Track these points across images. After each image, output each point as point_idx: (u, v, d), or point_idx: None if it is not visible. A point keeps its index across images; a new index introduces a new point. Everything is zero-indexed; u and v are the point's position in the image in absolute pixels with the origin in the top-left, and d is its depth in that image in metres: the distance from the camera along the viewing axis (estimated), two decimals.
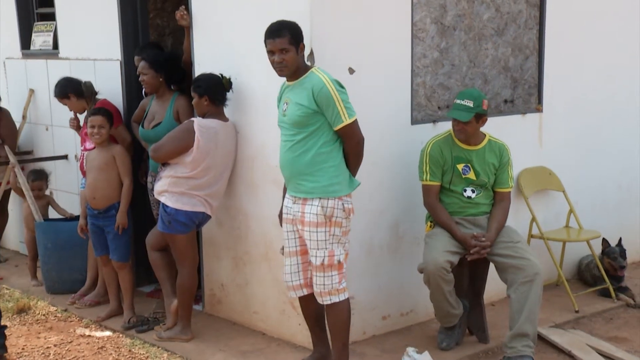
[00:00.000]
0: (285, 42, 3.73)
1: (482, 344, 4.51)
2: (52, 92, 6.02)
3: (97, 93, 5.31)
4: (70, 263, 5.47)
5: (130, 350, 4.48)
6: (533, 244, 5.08)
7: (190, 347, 4.51)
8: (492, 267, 4.43)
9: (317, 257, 3.81)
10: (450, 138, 4.37)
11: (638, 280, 5.66)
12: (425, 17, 4.64)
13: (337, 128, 3.77)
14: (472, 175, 4.32)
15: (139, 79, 4.88)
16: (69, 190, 5.97)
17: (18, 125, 6.33)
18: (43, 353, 4.50)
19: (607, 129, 5.83)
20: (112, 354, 4.45)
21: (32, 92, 6.28)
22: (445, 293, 4.19)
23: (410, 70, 4.60)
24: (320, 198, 3.78)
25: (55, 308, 5.22)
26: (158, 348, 4.49)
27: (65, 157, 6.00)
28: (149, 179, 4.98)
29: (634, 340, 4.61)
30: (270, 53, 3.78)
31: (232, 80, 4.51)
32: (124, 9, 5.28)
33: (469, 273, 4.51)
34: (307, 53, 4.07)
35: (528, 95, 5.33)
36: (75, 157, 5.88)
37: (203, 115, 4.51)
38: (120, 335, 4.72)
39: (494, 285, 4.70)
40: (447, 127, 4.49)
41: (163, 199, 4.46)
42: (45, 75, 6.10)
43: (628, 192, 6.05)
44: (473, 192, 4.35)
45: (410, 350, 4.20)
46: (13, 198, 6.53)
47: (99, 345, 4.57)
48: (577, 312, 4.99)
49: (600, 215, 5.74)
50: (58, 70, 5.93)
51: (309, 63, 4.05)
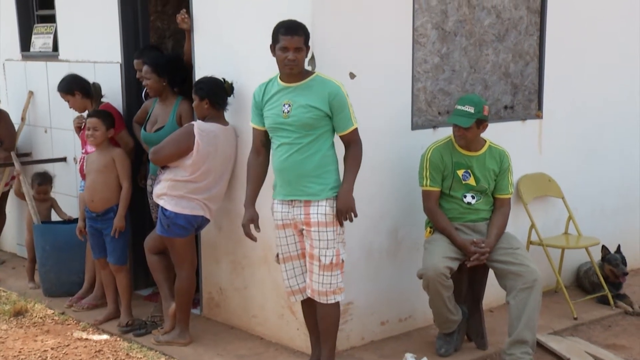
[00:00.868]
0: (302, 41, 3.77)
1: (480, 350, 4.50)
2: (51, 94, 6.04)
3: (103, 96, 5.29)
4: (68, 266, 5.45)
5: (128, 354, 4.47)
6: (532, 251, 5.08)
7: (188, 351, 4.50)
8: (491, 273, 4.42)
9: (326, 256, 3.85)
10: (451, 143, 4.37)
11: (637, 288, 5.66)
12: (427, 22, 4.64)
13: (345, 132, 3.85)
14: (472, 181, 4.32)
15: (143, 83, 4.88)
16: (68, 193, 5.95)
17: (17, 127, 6.32)
18: (40, 356, 4.48)
19: (606, 136, 5.84)
20: (109, 358, 4.44)
21: (31, 94, 6.27)
22: (445, 299, 4.19)
23: (411, 76, 4.60)
24: (327, 199, 3.84)
25: (53, 311, 5.20)
26: (156, 352, 4.48)
27: (64, 159, 5.99)
28: (149, 182, 4.97)
29: (633, 348, 4.61)
30: (284, 49, 3.76)
31: (233, 85, 4.50)
32: (125, 12, 5.28)
33: (468, 279, 4.50)
34: (308, 57, 4.07)
35: (528, 102, 5.33)
36: (74, 159, 5.87)
37: (203, 119, 4.51)
38: (118, 339, 4.70)
39: (493, 292, 4.70)
40: (447, 132, 4.48)
41: (162, 202, 4.45)
42: (45, 78, 6.09)
43: (627, 199, 6.05)
44: (473, 198, 4.34)
45: (409, 356, 4.20)
46: (11, 200, 6.52)
47: (97, 349, 4.56)
48: (575, 319, 4.99)
49: (599, 222, 5.74)
50: (58, 73, 5.91)
51: (310, 67, 4.05)
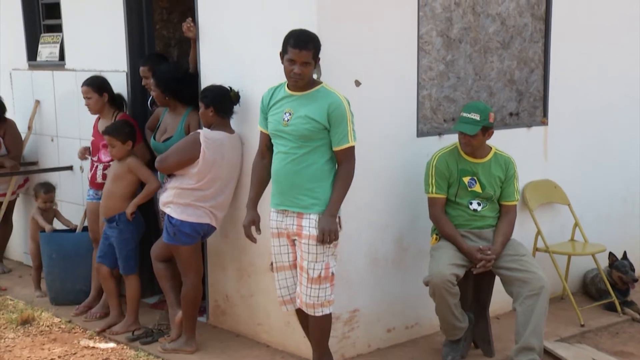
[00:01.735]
0: (310, 55, 3.72)
1: (487, 357, 4.49)
2: (58, 103, 6.07)
3: (122, 108, 5.27)
4: (74, 274, 5.46)
5: None
6: (538, 257, 5.07)
7: (195, 358, 4.50)
8: (497, 280, 4.42)
9: (314, 269, 3.81)
10: (456, 151, 4.37)
11: None
12: (431, 29, 4.66)
13: (340, 148, 3.79)
14: (478, 188, 4.32)
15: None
16: (74, 201, 5.97)
17: (23, 136, 6.34)
18: None
19: (612, 142, 5.83)
20: None
21: (37, 103, 6.29)
22: (451, 306, 4.18)
23: (416, 83, 4.61)
24: (319, 213, 3.80)
25: (60, 319, 5.20)
26: None
27: (71, 168, 6.01)
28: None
29: None
30: (291, 62, 3.73)
31: (239, 94, 4.51)
32: (130, 20, 5.31)
33: (475, 286, 4.49)
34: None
35: (533, 108, 5.33)
36: (81, 168, 5.88)
37: (209, 126, 4.53)
38: (125, 347, 4.70)
39: (499, 298, 4.69)
40: (452, 139, 4.49)
41: (168, 210, 4.46)
42: (51, 87, 6.12)
43: (633, 205, 6.04)
44: (479, 204, 4.34)
45: None
46: (18, 209, 6.54)
47: (103, 357, 4.56)
48: (582, 326, 4.97)
49: (605, 229, 5.73)
50: (64, 82, 5.96)
51: (316, 76, 4.06)
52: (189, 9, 5.13)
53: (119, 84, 5.35)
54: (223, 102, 4.47)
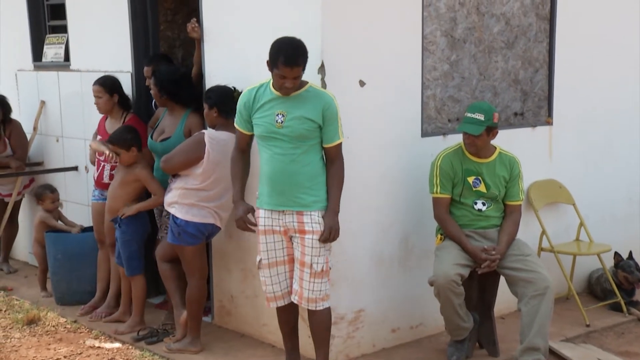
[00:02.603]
0: (300, 69, 3.77)
1: (492, 358, 4.49)
2: (63, 103, 6.09)
3: (130, 110, 5.29)
4: (80, 274, 5.47)
5: None
6: (543, 257, 5.05)
7: (200, 359, 4.51)
8: (502, 280, 4.41)
9: (318, 263, 3.89)
10: (461, 151, 4.37)
11: None
12: (436, 30, 4.65)
13: (330, 145, 3.87)
14: (482, 188, 4.32)
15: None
16: (79, 202, 5.98)
17: (29, 137, 6.36)
18: None
19: (617, 142, 5.82)
20: None
21: (43, 103, 6.31)
22: (456, 306, 4.18)
23: (421, 83, 4.60)
24: (319, 210, 3.88)
25: (65, 319, 5.22)
26: None
27: (76, 168, 6.02)
28: None
29: None
30: (281, 77, 3.75)
31: None
32: (135, 21, 5.32)
33: (479, 286, 4.49)
34: (318, 66, 4.09)
35: (538, 108, 5.33)
36: (86, 168, 5.90)
37: (213, 127, 4.53)
38: (130, 347, 4.71)
39: (504, 299, 4.69)
40: (457, 139, 4.49)
41: (173, 211, 4.47)
42: (57, 87, 6.14)
43: (638, 205, 6.02)
44: (484, 204, 4.34)
45: None
46: (23, 210, 6.56)
47: (109, 357, 4.57)
48: (588, 326, 4.97)
49: (610, 228, 5.72)
50: (69, 82, 5.98)
51: (320, 76, 4.07)
52: (194, 10, 5.15)
53: (124, 85, 5.36)
54: (227, 102, 4.48)
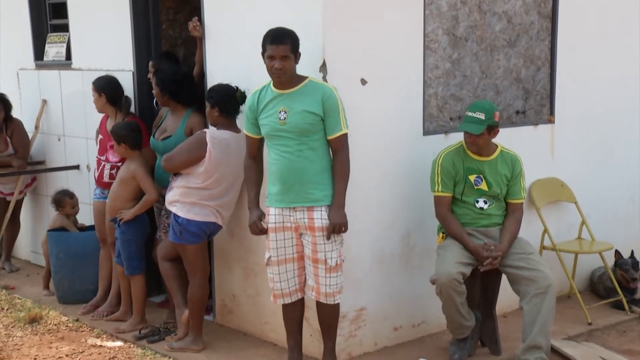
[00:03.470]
0: (288, 49, 3.81)
1: (494, 356, 4.49)
2: (65, 102, 6.09)
3: (129, 110, 5.27)
4: (82, 273, 5.48)
5: None
6: (545, 256, 5.05)
7: (202, 357, 4.51)
8: (504, 278, 4.41)
9: (332, 258, 3.94)
10: (462, 149, 4.36)
11: None
12: (437, 28, 4.65)
13: (334, 136, 3.89)
14: (484, 187, 4.32)
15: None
16: (81, 201, 5.96)
17: (31, 136, 6.36)
18: None
19: (619, 140, 5.81)
20: None
21: (44, 102, 6.31)
22: (458, 304, 4.18)
23: (422, 81, 4.60)
24: (328, 205, 3.91)
25: (67, 318, 5.22)
26: (169, 359, 4.49)
27: (77, 167, 6.03)
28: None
29: None
30: (270, 58, 3.83)
31: (246, 94, 4.51)
32: (137, 20, 5.32)
33: (481, 284, 4.49)
34: (319, 64, 4.09)
35: (540, 107, 5.32)
36: (87, 167, 5.90)
37: (215, 125, 4.53)
38: (132, 346, 4.72)
39: (506, 297, 4.69)
40: (458, 138, 4.48)
41: (174, 209, 4.47)
42: (58, 86, 6.14)
43: None
44: (485, 203, 4.34)
45: None
46: (25, 208, 6.56)
47: (111, 356, 4.57)
48: (590, 324, 4.96)
49: (613, 227, 5.71)
50: (71, 81, 5.98)
51: (322, 74, 4.08)
52: (195, 9, 5.14)
53: (125, 84, 5.36)
54: (228, 102, 4.47)
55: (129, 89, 5.38)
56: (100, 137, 5.35)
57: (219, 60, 4.76)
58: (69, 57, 6.05)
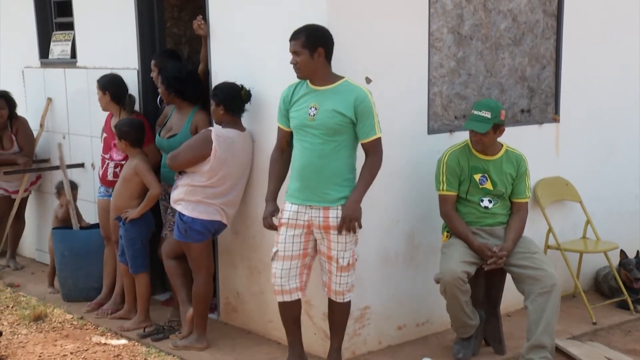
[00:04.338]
0: (298, 44, 3.83)
1: (498, 355, 4.48)
2: (70, 100, 6.10)
3: (133, 108, 5.27)
4: (86, 271, 5.49)
5: (146, 359, 4.49)
6: (550, 255, 5.05)
7: (206, 355, 4.51)
8: (508, 277, 4.41)
9: (344, 258, 3.96)
10: (467, 148, 4.36)
11: None
12: (442, 26, 4.64)
13: (367, 140, 3.90)
14: (489, 186, 4.31)
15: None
16: (86, 199, 5.99)
17: (36, 134, 6.38)
18: None
19: (624, 139, 5.80)
20: None
21: (49, 100, 6.32)
22: (462, 303, 4.18)
23: (427, 80, 4.59)
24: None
25: (72, 316, 5.23)
26: (174, 357, 4.50)
27: (82, 165, 6.03)
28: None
29: None
30: (291, 54, 3.88)
31: (250, 92, 4.51)
32: (141, 18, 5.32)
33: (486, 283, 4.48)
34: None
35: (545, 105, 5.31)
36: (92, 165, 5.91)
37: (220, 124, 4.53)
38: (136, 344, 4.72)
39: (510, 296, 4.68)
40: (463, 136, 4.48)
41: (179, 208, 4.47)
42: (63, 84, 6.15)
43: None
44: (490, 202, 4.33)
45: None
46: (30, 206, 6.57)
47: (115, 354, 4.58)
48: (594, 324, 4.96)
49: (618, 226, 5.70)
50: (76, 79, 5.99)
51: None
52: (200, 7, 5.14)
53: (130, 82, 5.36)
54: (233, 100, 4.48)
55: (134, 87, 5.38)
56: (105, 135, 5.36)
57: (224, 59, 4.76)
58: (74, 55, 6.06)
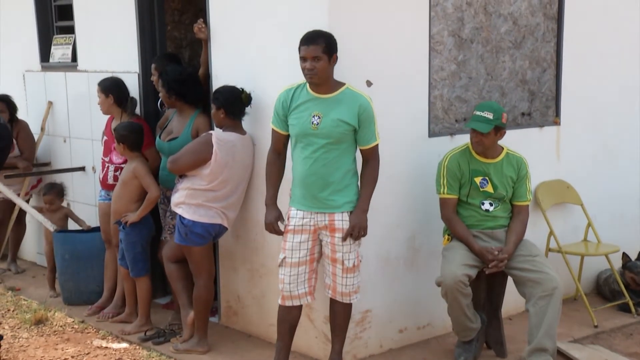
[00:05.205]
0: (319, 50, 3.79)
1: (499, 358, 4.48)
2: (70, 104, 6.10)
3: (134, 111, 5.28)
4: (87, 274, 5.48)
5: None
6: (551, 258, 5.04)
7: (207, 359, 4.51)
8: (509, 280, 4.40)
9: (349, 259, 4.00)
10: (468, 151, 4.36)
11: None
12: (443, 29, 4.64)
13: (367, 147, 3.93)
14: (489, 189, 4.31)
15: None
16: (87, 202, 6.00)
17: (36, 137, 6.38)
18: None
19: (624, 142, 5.79)
20: None
21: (50, 104, 6.33)
22: (463, 307, 4.17)
23: (428, 83, 4.60)
24: (350, 211, 3.96)
25: (73, 319, 5.23)
26: None
27: (83, 168, 6.04)
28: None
29: None
30: (303, 60, 3.82)
31: (251, 95, 4.52)
32: (142, 22, 5.33)
33: (487, 287, 4.48)
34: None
35: (545, 108, 5.31)
36: (93, 168, 5.91)
37: (221, 127, 4.54)
38: (137, 347, 4.72)
39: (512, 299, 4.68)
40: (464, 140, 4.48)
41: (180, 211, 4.47)
42: (64, 88, 6.15)
43: None
44: (491, 205, 4.33)
45: None
46: None
47: (116, 357, 4.58)
48: (596, 327, 4.95)
49: (619, 229, 5.69)
50: (76, 83, 6.00)
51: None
52: (201, 11, 5.16)
53: (131, 85, 5.37)
54: (234, 103, 4.48)
55: (135, 91, 5.39)
56: (105, 138, 5.36)
57: (224, 62, 4.76)
58: (75, 58, 6.07)
